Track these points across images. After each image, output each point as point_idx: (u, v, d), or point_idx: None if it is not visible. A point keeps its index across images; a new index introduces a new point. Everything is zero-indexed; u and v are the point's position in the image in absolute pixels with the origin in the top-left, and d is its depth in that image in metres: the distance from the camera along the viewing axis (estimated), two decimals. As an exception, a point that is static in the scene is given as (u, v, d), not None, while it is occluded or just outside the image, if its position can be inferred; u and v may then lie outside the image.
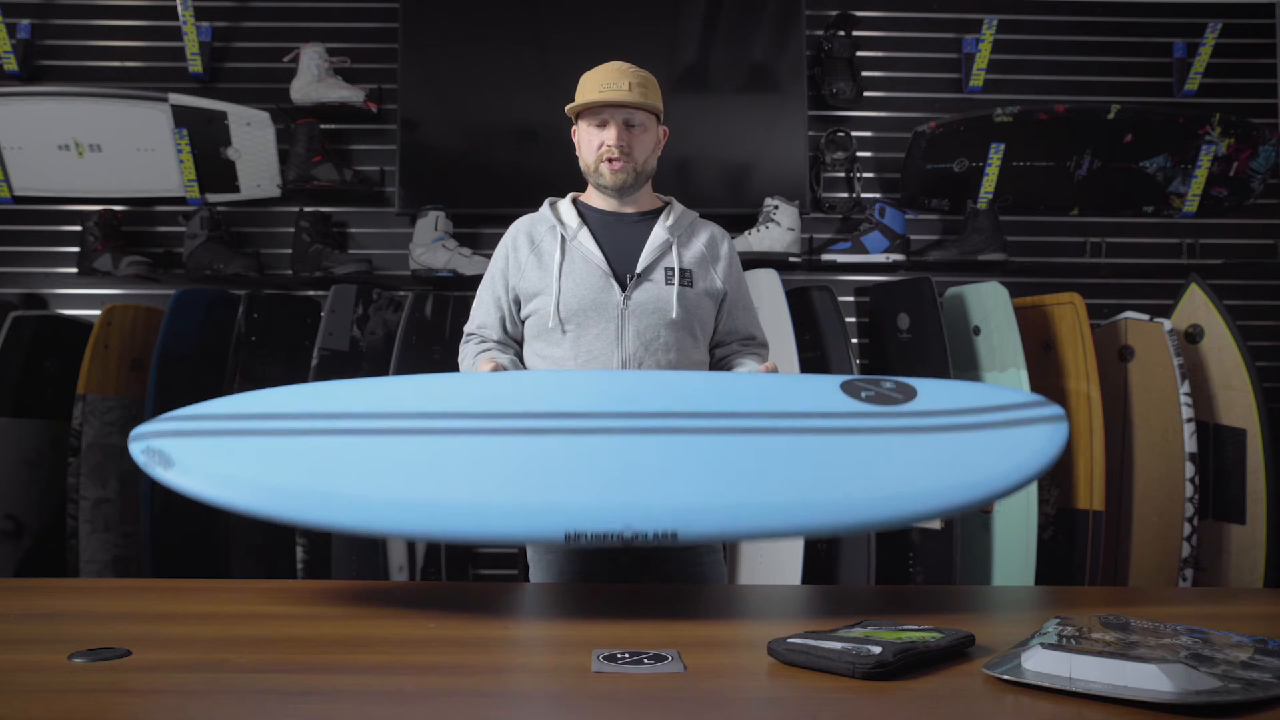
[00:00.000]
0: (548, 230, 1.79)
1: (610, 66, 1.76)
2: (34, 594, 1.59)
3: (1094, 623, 1.15)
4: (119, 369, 2.73)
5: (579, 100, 1.77)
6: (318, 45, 3.02)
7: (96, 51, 3.14)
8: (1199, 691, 0.89)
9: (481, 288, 1.86)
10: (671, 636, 1.24)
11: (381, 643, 1.24)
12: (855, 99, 3.12)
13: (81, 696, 0.97)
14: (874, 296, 2.99)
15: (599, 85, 1.74)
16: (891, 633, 1.11)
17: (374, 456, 1.37)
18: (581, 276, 1.74)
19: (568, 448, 1.40)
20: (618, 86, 1.72)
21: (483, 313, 1.84)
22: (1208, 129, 3.02)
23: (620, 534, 1.31)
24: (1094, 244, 3.17)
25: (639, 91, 1.73)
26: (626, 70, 1.75)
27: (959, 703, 0.96)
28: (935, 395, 1.52)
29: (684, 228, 1.82)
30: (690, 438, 1.42)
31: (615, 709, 0.95)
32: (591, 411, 1.45)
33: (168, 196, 3.08)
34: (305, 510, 1.34)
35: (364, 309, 2.79)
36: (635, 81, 1.73)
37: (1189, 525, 2.59)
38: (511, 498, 1.34)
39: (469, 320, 1.87)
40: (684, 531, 1.32)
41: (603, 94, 1.72)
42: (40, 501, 2.72)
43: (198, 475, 1.35)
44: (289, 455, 1.37)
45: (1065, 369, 2.68)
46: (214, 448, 1.39)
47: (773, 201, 2.94)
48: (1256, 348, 2.96)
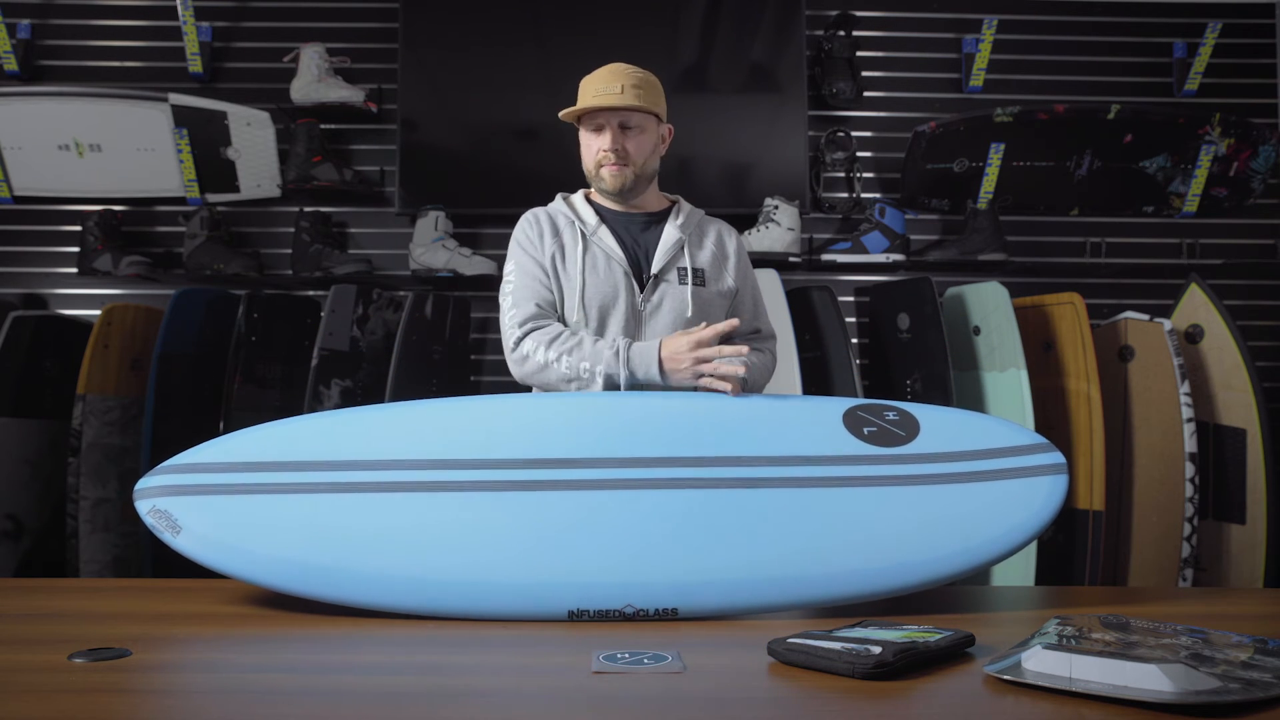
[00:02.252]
0: (566, 224, 1.78)
1: (606, 70, 1.75)
2: (34, 594, 1.59)
3: (1094, 623, 1.15)
4: (119, 369, 2.73)
5: (576, 105, 1.76)
6: (318, 45, 3.02)
7: (96, 51, 3.14)
8: (1199, 691, 0.89)
9: (515, 277, 1.74)
10: (671, 636, 1.24)
11: (381, 643, 1.24)
12: (855, 99, 3.12)
13: (81, 696, 0.97)
14: (874, 296, 2.99)
15: (592, 91, 1.73)
16: (891, 633, 1.11)
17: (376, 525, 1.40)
18: (604, 273, 1.74)
19: (571, 511, 1.42)
20: (610, 90, 1.71)
21: (530, 297, 1.72)
22: (1208, 129, 3.02)
23: (622, 611, 1.36)
24: (1094, 244, 3.16)
25: (633, 94, 1.71)
26: (621, 72, 1.73)
27: (959, 703, 0.96)
28: (937, 430, 1.52)
29: (693, 226, 1.82)
30: (691, 494, 1.44)
31: (615, 709, 0.95)
32: (593, 459, 1.46)
33: (168, 196, 3.08)
34: (314, 587, 1.38)
35: (364, 309, 2.78)
36: (630, 83, 1.72)
37: (1189, 525, 2.58)
38: (516, 577, 1.38)
39: (513, 315, 1.72)
40: (684, 608, 1.37)
41: (595, 99, 1.71)
42: (40, 501, 2.72)
43: (207, 546, 1.39)
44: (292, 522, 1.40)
45: (1065, 369, 2.68)
46: (218, 510, 1.41)
47: (773, 201, 2.94)
48: (1256, 348, 2.96)
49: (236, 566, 1.39)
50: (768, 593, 1.39)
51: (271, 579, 1.39)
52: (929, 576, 1.41)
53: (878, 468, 1.47)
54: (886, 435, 1.51)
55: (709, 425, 1.52)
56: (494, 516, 1.42)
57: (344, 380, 2.70)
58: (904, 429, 1.52)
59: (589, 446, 1.48)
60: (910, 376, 2.78)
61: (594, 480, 1.44)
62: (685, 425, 1.52)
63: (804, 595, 1.40)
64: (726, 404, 1.58)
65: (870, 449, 1.49)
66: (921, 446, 1.50)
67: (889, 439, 1.50)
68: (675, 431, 1.50)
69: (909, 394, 2.77)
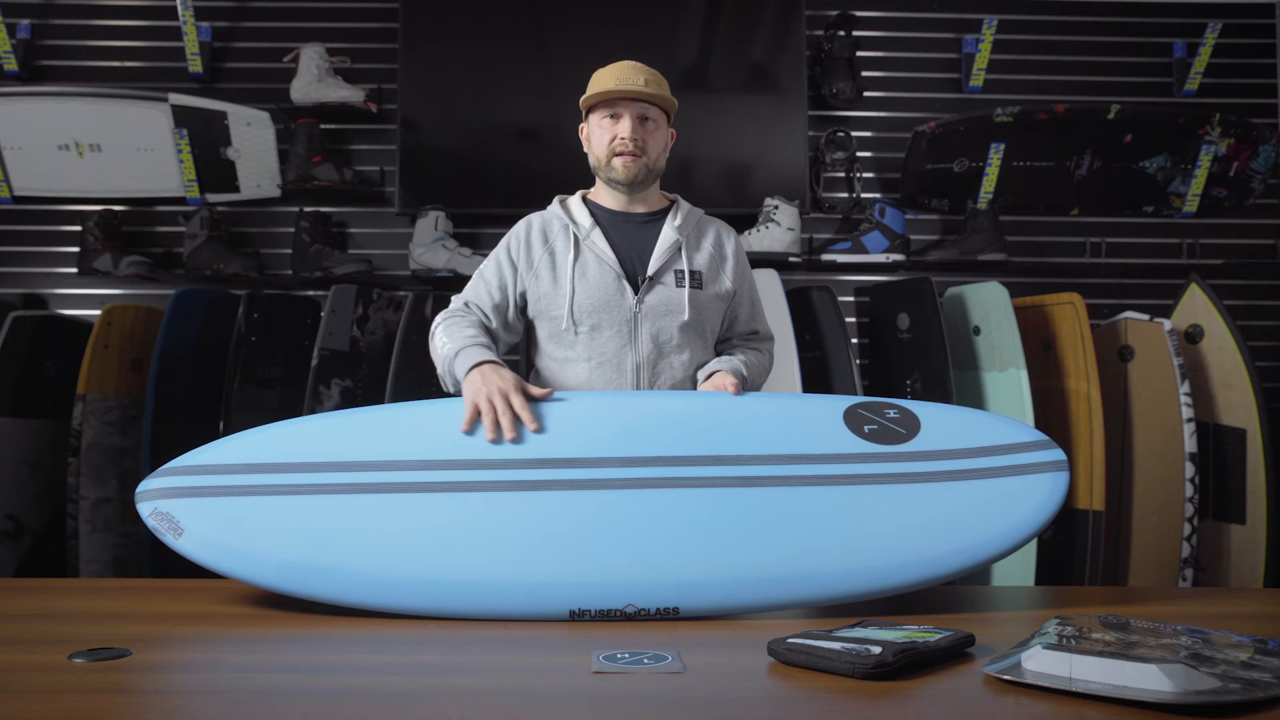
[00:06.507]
0: (560, 229, 1.78)
1: (625, 64, 1.76)
2: (34, 594, 1.59)
3: (1094, 623, 1.15)
4: (119, 369, 2.73)
5: (592, 90, 1.75)
6: (318, 45, 3.02)
7: (96, 51, 3.14)
8: (1199, 691, 0.89)
9: (484, 269, 1.78)
10: (671, 636, 1.24)
11: (381, 643, 1.24)
12: (855, 99, 3.12)
13: (81, 696, 0.97)
14: (874, 296, 2.99)
15: (614, 78, 1.73)
16: (891, 633, 1.11)
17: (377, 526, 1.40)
18: (595, 278, 1.73)
19: (572, 511, 1.42)
20: (633, 81, 1.72)
21: (479, 290, 1.77)
22: (1208, 129, 3.02)
23: (623, 610, 1.36)
24: (1094, 244, 3.16)
25: (655, 87, 1.73)
26: (641, 67, 1.75)
27: (959, 703, 0.96)
28: (937, 428, 1.52)
29: (691, 227, 1.81)
30: (692, 493, 1.44)
31: (615, 709, 0.95)
32: (594, 459, 1.46)
33: (168, 196, 3.08)
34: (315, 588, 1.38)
35: (364, 309, 2.78)
36: (650, 78, 1.74)
37: (1189, 525, 2.58)
38: (517, 577, 1.38)
39: (455, 299, 1.78)
40: (685, 608, 1.38)
41: (621, 85, 1.72)
42: (40, 501, 2.72)
43: (209, 548, 1.39)
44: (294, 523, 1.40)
45: (1065, 369, 2.68)
46: (220, 512, 1.41)
47: (773, 201, 2.94)
48: (1256, 348, 2.96)
49: (238, 568, 1.39)
50: (769, 590, 1.39)
51: (273, 580, 1.39)
52: (931, 574, 1.41)
53: (878, 465, 1.47)
54: (887, 433, 1.51)
55: (709, 424, 1.52)
56: (495, 517, 1.42)
57: (344, 380, 2.70)
58: (905, 427, 1.52)
59: (589, 446, 1.48)
60: (910, 376, 2.78)
61: (595, 480, 1.44)
62: (685, 424, 1.52)
63: (806, 592, 1.40)
64: (727, 403, 1.58)
65: (871, 447, 1.49)
66: (922, 444, 1.49)
67: (890, 437, 1.50)
68: (676, 430, 1.50)
69: (909, 394, 2.77)
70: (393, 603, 1.37)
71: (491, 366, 1.57)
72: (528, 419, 1.49)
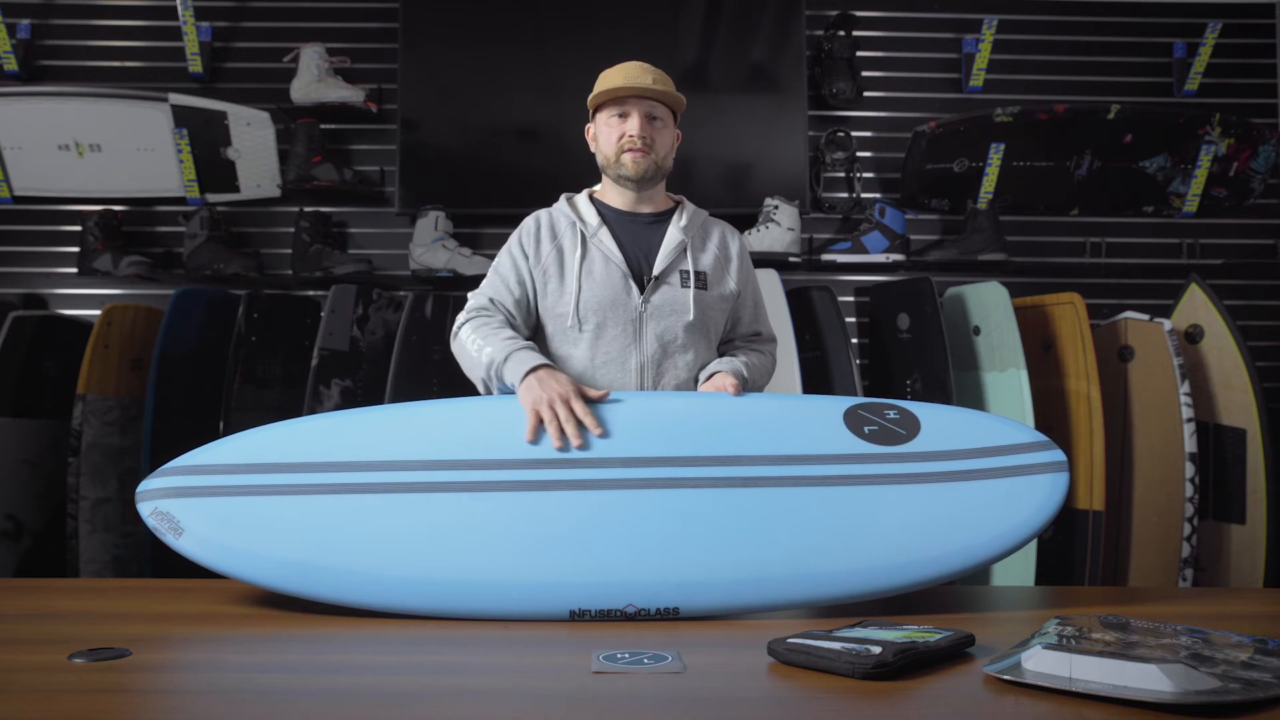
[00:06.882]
0: (568, 226, 1.78)
1: (633, 64, 1.77)
2: (34, 594, 1.59)
3: (1094, 623, 1.15)
4: (119, 369, 2.73)
5: (600, 89, 1.76)
6: (318, 45, 3.02)
7: (96, 51, 3.14)
8: (1199, 691, 0.89)
9: (498, 265, 1.77)
10: (671, 636, 1.24)
11: (381, 643, 1.24)
12: (855, 99, 3.12)
13: (81, 696, 0.97)
14: (874, 296, 2.99)
15: (623, 76, 1.74)
16: (891, 633, 1.11)
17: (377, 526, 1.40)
18: (601, 276, 1.73)
19: (572, 511, 1.42)
20: (641, 79, 1.73)
21: (489, 292, 1.75)
22: (1208, 129, 3.02)
23: (623, 610, 1.36)
24: (1094, 244, 3.16)
25: (662, 86, 1.74)
26: (648, 68, 1.77)
27: (959, 703, 0.96)
28: (937, 429, 1.52)
29: (697, 228, 1.82)
30: (692, 493, 1.44)
31: (615, 709, 0.95)
32: (594, 459, 1.46)
33: (168, 196, 3.08)
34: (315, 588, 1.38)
35: (364, 309, 2.78)
36: (657, 77, 1.75)
37: (1189, 525, 2.58)
38: (517, 577, 1.38)
39: (469, 303, 1.76)
40: (686, 607, 1.38)
41: (630, 82, 1.73)
42: (40, 501, 2.72)
43: (209, 547, 1.39)
44: (294, 523, 1.40)
45: (1065, 369, 2.68)
46: (220, 512, 1.41)
47: (773, 201, 2.94)
48: (1256, 348, 2.96)
49: (238, 568, 1.39)
50: (770, 591, 1.39)
51: (274, 580, 1.39)
52: (931, 574, 1.41)
53: (878, 466, 1.47)
54: (887, 434, 1.51)
55: (709, 425, 1.52)
56: (495, 517, 1.42)
57: (344, 380, 2.70)
58: (905, 427, 1.52)
59: (590, 446, 1.48)
60: (910, 376, 2.78)
61: (595, 480, 1.44)
62: (686, 425, 1.52)
63: (806, 592, 1.40)
64: (727, 403, 1.58)
65: (871, 448, 1.49)
66: (922, 445, 1.49)
67: (890, 437, 1.50)
68: (676, 431, 1.50)
69: (909, 394, 2.77)
70: (393, 603, 1.37)
71: (547, 371, 1.57)
72: (591, 424, 1.49)
